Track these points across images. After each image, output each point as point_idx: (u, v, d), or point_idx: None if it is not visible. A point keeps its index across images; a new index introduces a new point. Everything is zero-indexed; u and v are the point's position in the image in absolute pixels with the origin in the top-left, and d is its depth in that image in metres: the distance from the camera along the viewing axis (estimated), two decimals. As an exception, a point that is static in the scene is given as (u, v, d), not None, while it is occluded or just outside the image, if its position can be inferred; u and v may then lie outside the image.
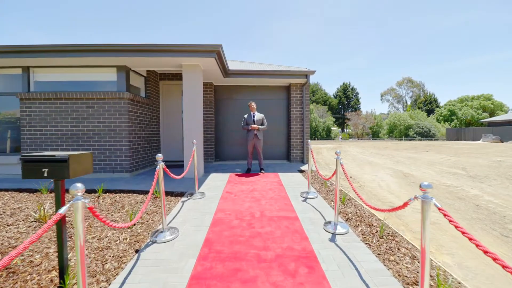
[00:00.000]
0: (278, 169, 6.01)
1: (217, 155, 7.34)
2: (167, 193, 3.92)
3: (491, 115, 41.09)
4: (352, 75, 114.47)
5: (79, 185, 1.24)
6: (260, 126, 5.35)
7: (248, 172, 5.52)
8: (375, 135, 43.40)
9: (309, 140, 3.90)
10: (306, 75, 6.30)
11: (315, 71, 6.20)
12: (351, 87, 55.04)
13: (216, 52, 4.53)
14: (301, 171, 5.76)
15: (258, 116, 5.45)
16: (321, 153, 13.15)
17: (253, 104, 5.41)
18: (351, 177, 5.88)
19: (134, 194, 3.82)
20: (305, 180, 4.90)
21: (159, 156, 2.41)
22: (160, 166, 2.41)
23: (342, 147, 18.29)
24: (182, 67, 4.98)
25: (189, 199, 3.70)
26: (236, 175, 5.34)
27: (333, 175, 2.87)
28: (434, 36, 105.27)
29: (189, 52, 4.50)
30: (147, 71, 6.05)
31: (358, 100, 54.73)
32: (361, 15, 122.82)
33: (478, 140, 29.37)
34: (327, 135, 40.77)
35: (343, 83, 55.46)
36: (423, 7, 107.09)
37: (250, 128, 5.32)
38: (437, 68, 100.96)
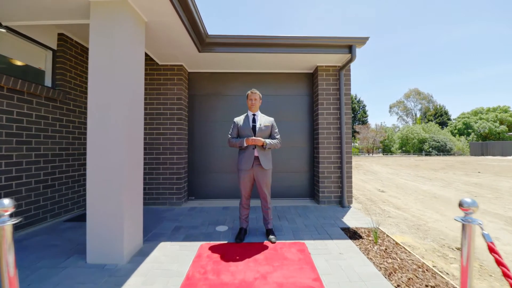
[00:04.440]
0: (300, 225, 3.04)
1: (191, 190, 4.36)
2: None
3: (509, 127, 38.37)
4: (356, 87, 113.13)
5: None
6: (267, 140, 2.50)
7: (240, 240, 2.53)
8: (386, 149, 40.17)
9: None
10: (349, 46, 3.38)
11: (367, 38, 3.30)
12: (357, 99, 52.54)
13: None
14: (353, 235, 2.76)
15: (263, 120, 2.61)
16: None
17: (256, 96, 2.59)
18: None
19: None
20: (375, 270, 1.94)
21: None
22: None
23: (363, 165, 15.24)
24: (90, 7, 2.21)
25: None
26: (212, 249, 2.37)
27: None
28: (438, 48, 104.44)
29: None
30: (60, 38, 3.31)
31: (365, 113, 51.96)
32: (363, 25, 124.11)
33: (508, 156, 26.13)
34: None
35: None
36: (421, 19, 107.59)
37: (245, 145, 2.46)
38: (440, 80, 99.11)
